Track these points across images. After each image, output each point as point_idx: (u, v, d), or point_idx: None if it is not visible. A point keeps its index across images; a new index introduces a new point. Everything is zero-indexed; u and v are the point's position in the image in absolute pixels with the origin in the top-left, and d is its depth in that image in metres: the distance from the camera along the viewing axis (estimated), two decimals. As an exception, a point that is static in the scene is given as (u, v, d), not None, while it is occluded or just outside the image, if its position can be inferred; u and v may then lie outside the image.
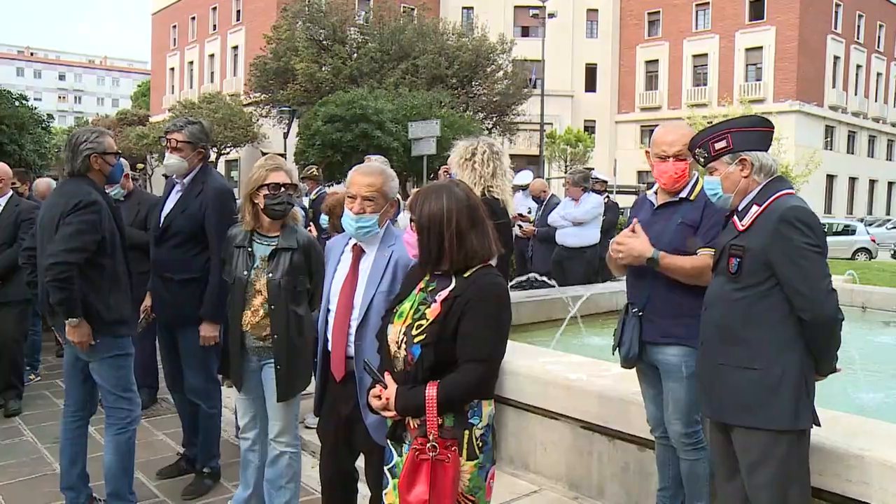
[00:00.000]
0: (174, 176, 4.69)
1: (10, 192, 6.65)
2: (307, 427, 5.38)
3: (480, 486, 2.68)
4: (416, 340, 2.66)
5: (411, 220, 2.78)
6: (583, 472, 4.39)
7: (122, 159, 4.53)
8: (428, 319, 2.66)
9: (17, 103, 14.75)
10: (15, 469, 5.16)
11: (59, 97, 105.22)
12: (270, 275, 3.80)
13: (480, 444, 2.66)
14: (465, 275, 2.69)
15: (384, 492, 2.86)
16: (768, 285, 2.90)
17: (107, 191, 4.46)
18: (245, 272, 3.88)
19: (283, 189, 3.86)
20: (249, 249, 3.91)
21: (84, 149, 4.15)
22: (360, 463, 3.57)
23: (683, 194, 3.63)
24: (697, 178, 3.66)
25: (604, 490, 4.28)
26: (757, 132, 3.10)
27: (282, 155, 5.56)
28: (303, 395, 4.20)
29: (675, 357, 3.54)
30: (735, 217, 3.07)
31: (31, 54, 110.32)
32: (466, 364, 2.60)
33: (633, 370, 3.79)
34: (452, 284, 2.69)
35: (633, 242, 3.55)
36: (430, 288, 2.75)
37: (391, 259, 3.29)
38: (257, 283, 3.85)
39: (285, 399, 3.87)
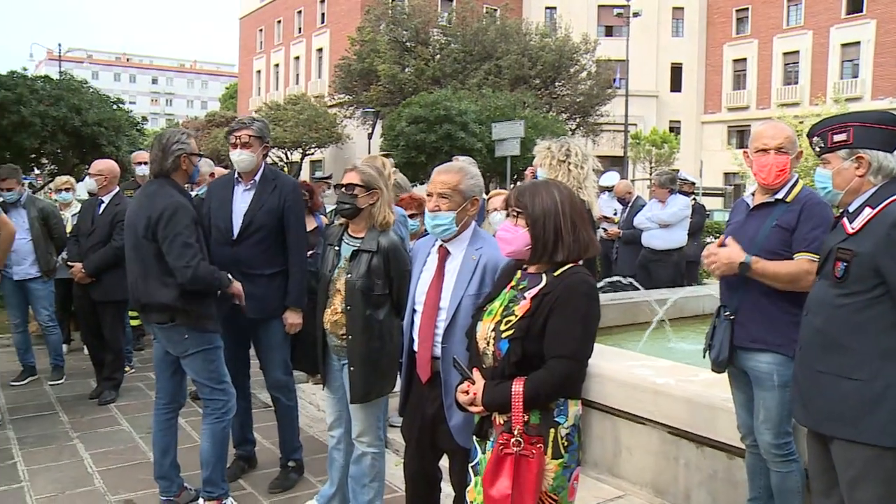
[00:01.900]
0: (236, 175, 4.80)
1: (116, 189, 6.92)
2: (391, 426, 5.43)
3: (564, 487, 2.67)
4: (503, 335, 2.68)
5: (512, 215, 2.80)
6: (669, 479, 4.31)
7: (207, 159, 4.67)
8: (517, 315, 2.69)
9: (114, 107, 15.27)
10: (113, 456, 5.38)
11: (152, 100, 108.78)
12: (349, 275, 3.84)
13: (566, 444, 2.66)
14: (556, 273, 2.69)
15: (467, 489, 2.88)
16: (876, 293, 2.74)
17: (191, 191, 4.60)
18: (330, 270, 3.96)
19: (347, 189, 3.88)
20: (337, 248, 3.98)
21: (176, 149, 4.31)
22: (444, 463, 3.59)
23: (780, 195, 3.50)
24: (797, 180, 3.54)
25: (690, 497, 4.19)
26: (883, 130, 2.89)
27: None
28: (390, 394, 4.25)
29: (766, 364, 3.43)
30: (845, 219, 2.91)
31: (128, 60, 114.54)
32: (552, 360, 2.62)
33: (724, 376, 3.71)
34: (543, 282, 2.71)
35: (723, 251, 3.46)
36: (521, 286, 2.78)
37: (479, 261, 3.29)
38: (338, 282, 3.91)
39: (359, 401, 3.89)
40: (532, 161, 5.45)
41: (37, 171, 16.60)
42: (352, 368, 3.85)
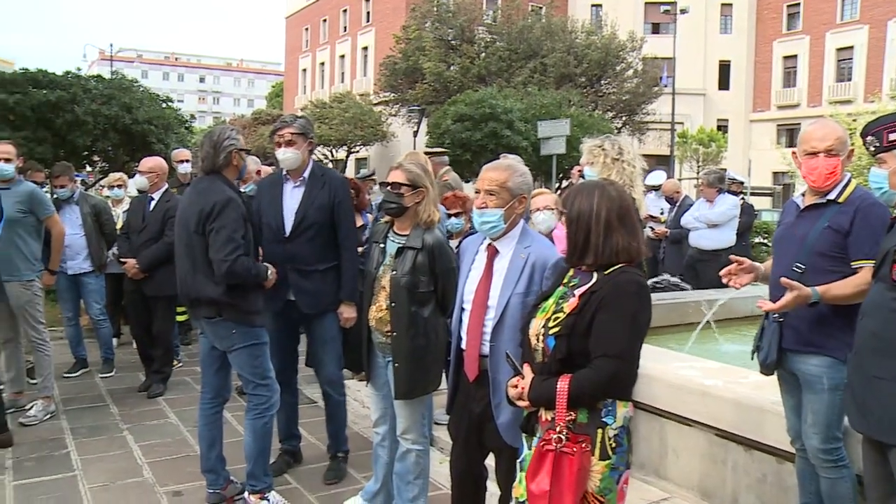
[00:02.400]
0: (284, 173, 4.84)
1: (165, 186, 7.03)
2: (437, 423, 5.44)
3: (611, 489, 2.64)
4: (550, 332, 2.68)
5: (563, 215, 2.83)
6: (716, 482, 4.25)
7: (254, 157, 4.73)
8: (565, 312, 2.68)
9: (163, 105, 15.49)
10: (161, 449, 5.48)
11: (199, 98, 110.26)
12: (394, 272, 3.85)
13: (614, 445, 2.63)
14: (607, 271, 2.68)
15: (513, 485, 2.88)
16: None
17: (240, 188, 4.66)
18: (375, 267, 3.98)
19: (394, 188, 3.91)
20: (382, 245, 4.00)
21: (227, 145, 4.35)
22: (490, 462, 3.58)
23: (832, 195, 3.40)
24: (850, 179, 3.44)
25: (738, 501, 4.12)
26: None
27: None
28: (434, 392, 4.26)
29: (816, 367, 3.36)
30: None
31: (176, 59, 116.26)
32: (599, 359, 2.60)
33: (774, 378, 3.64)
34: (593, 280, 2.70)
35: (789, 295, 3.28)
36: (572, 283, 2.78)
37: (528, 260, 3.27)
38: (383, 279, 3.92)
39: (403, 398, 3.91)
40: (578, 160, 5.40)
41: (88, 169, 16.89)
42: (396, 365, 3.86)
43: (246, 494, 4.48)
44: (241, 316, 4.30)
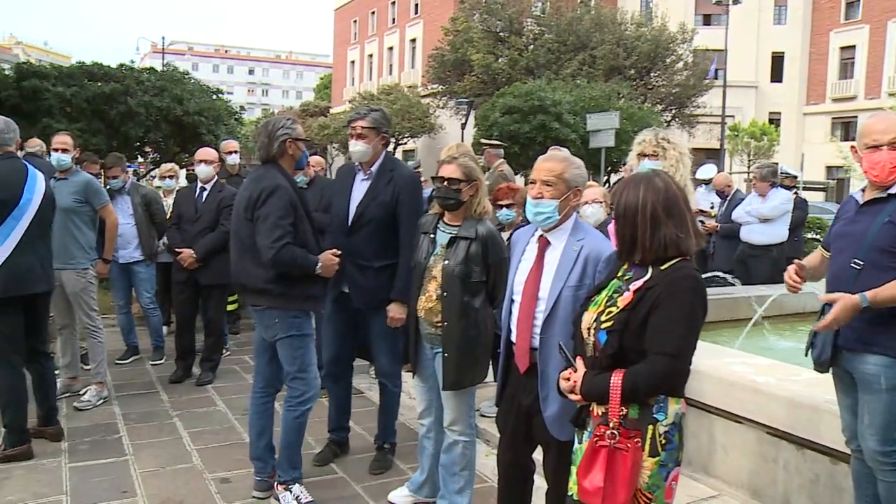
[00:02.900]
0: (357, 164, 4.83)
1: (216, 177, 7.12)
2: (482, 416, 5.45)
3: (659, 485, 2.61)
4: (602, 326, 2.66)
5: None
6: (767, 481, 4.18)
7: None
8: (618, 307, 2.65)
9: (213, 97, 15.68)
10: (209, 436, 5.55)
11: (248, 90, 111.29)
12: (447, 262, 3.86)
13: (664, 442, 2.61)
14: (663, 267, 2.64)
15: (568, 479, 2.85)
16: None
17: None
18: (425, 257, 3.98)
19: (451, 183, 3.92)
20: (432, 236, 4.02)
21: (281, 134, 4.34)
22: (538, 455, 3.56)
23: (893, 190, 3.28)
24: None
25: (790, 501, 4.05)
26: None
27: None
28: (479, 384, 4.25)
29: (873, 367, 3.25)
30: None
31: (226, 52, 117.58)
32: (654, 356, 2.57)
33: (828, 376, 3.55)
34: (648, 275, 2.67)
35: (835, 309, 3.18)
36: (626, 277, 2.75)
37: (581, 253, 3.23)
38: (434, 269, 3.93)
39: (452, 388, 3.91)
40: (627, 153, 5.34)
41: (140, 160, 17.19)
42: (446, 355, 3.87)
43: (275, 483, 4.49)
44: (286, 304, 4.30)
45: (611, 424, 2.57)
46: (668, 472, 2.63)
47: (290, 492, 4.36)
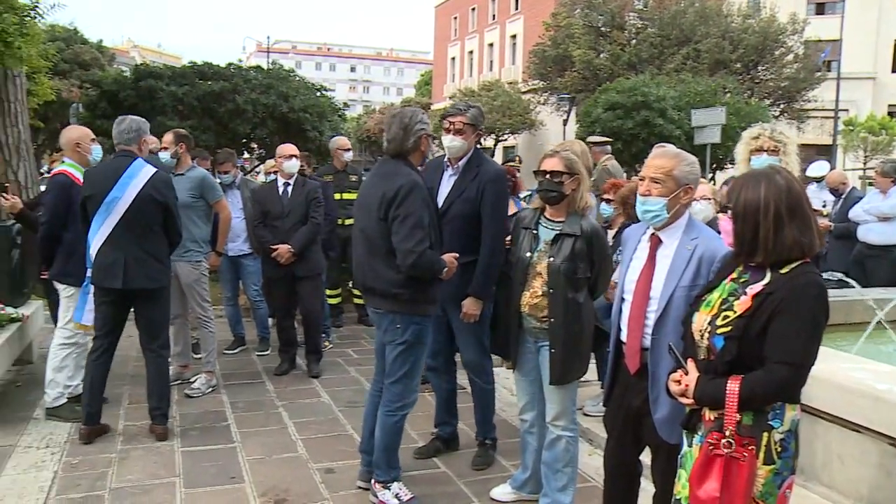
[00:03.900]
0: (445, 160, 4.82)
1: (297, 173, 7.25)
2: (585, 414, 5.39)
3: (773, 493, 2.53)
4: (719, 331, 2.56)
5: (726, 208, 2.68)
6: (889, 495, 3.95)
7: None
8: (735, 312, 2.55)
9: (317, 94, 15.99)
10: (314, 426, 5.66)
11: (350, 87, 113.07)
12: (552, 259, 3.84)
13: (779, 450, 2.52)
14: (783, 270, 2.53)
15: (675, 484, 2.79)
16: None
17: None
18: (528, 253, 3.96)
19: (553, 176, 3.89)
20: (535, 232, 3.99)
21: (418, 129, 4.26)
22: (645, 457, 3.48)
23: None
24: None
25: (917, 518, 3.83)
26: None
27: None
28: (581, 381, 4.18)
29: None
30: None
31: (328, 49, 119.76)
32: (774, 365, 2.46)
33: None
34: (767, 279, 2.55)
35: None
36: (743, 279, 2.63)
37: (695, 252, 3.13)
38: (538, 266, 3.91)
39: (559, 383, 3.91)
40: (732, 150, 5.19)
41: (246, 155, 17.69)
42: (552, 351, 3.86)
43: (372, 482, 4.47)
44: (411, 309, 4.21)
45: (726, 432, 2.49)
46: (782, 480, 2.54)
47: (389, 489, 4.36)
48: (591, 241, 3.84)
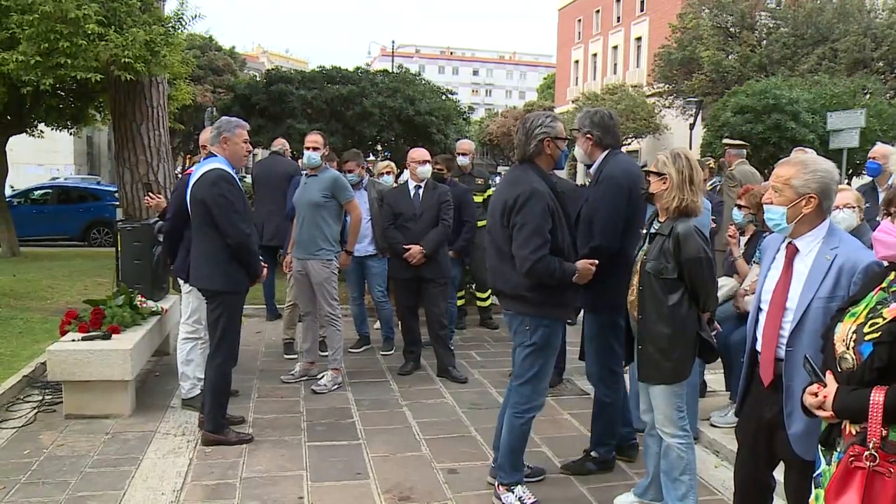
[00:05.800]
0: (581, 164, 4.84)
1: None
2: (712, 425, 5.24)
3: (917, 514, 2.35)
4: (867, 338, 2.42)
5: (889, 215, 2.55)
6: None
7: None
8: (885, 318, 2.40)
9: (443, 97, 16.18)
10: (437, 427, 5.72)
11: (472, 91, 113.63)
12: (645, 256, 3.92)
13: None
14: None
15: (808, 502, 2.66)
16: None
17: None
18: (637, 251, 4.08)
19: (646, 175, 3.99)
20: (646, 231, 4.08)
21: (538, 133, 4.28)
22: (779, 473, 3.35)
23: None
24: None
25: None
26: None
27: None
28: (708, 392, 4.07)
29: None
30: None
31: (451, 53, 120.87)
32: None
33: None
34: None
35: None
36: (893, 288, 2.48)
37: (834, 262, 2.98)
38: (638, 264, 3.99)
39: (644, 381, 3.98)
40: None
41: (371, 157, 18.08)
42: (639, 347, 3.94)
43: (496, 484, 4.47)
44: (540, 312, 4.22)
45: (870, 445, 2.35)
46: (927, 498, 2.37)
47: (513, 492, 4.36)
48: (677, 243, 3.80)
